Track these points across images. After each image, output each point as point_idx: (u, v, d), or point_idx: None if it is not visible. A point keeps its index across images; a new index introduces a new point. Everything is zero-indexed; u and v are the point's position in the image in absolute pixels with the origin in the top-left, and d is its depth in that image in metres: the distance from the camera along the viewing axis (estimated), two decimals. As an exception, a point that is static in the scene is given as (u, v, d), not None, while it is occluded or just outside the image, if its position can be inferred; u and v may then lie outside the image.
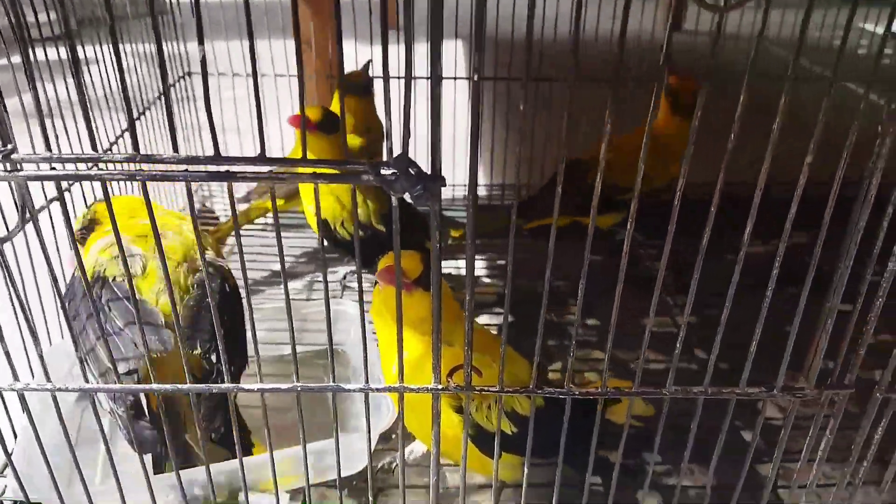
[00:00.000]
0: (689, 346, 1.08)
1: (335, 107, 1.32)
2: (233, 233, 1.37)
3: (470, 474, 0.86)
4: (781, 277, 0.51)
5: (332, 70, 1.46)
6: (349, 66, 1.66)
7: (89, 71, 1.01)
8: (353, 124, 1.31)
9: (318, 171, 0.46)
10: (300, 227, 1.42)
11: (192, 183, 0.46)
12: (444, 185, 0.46)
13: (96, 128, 0.44)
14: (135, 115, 1.22)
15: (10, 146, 0.45)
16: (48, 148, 0.45)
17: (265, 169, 0.46)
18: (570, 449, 0.58)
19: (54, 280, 0.51)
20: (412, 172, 0.45)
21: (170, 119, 0.44)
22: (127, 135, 1.21)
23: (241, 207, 1.54)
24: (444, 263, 1.13)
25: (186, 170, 0.45)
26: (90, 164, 0.46)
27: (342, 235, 1.09)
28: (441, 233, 0.49)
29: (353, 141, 1.28)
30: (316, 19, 1.41)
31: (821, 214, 0.49)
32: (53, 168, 0.46)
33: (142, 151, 0.44)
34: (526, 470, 0.60)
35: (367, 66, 1.35)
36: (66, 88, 0.99)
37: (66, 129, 0.94)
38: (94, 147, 0.45)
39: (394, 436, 0.96)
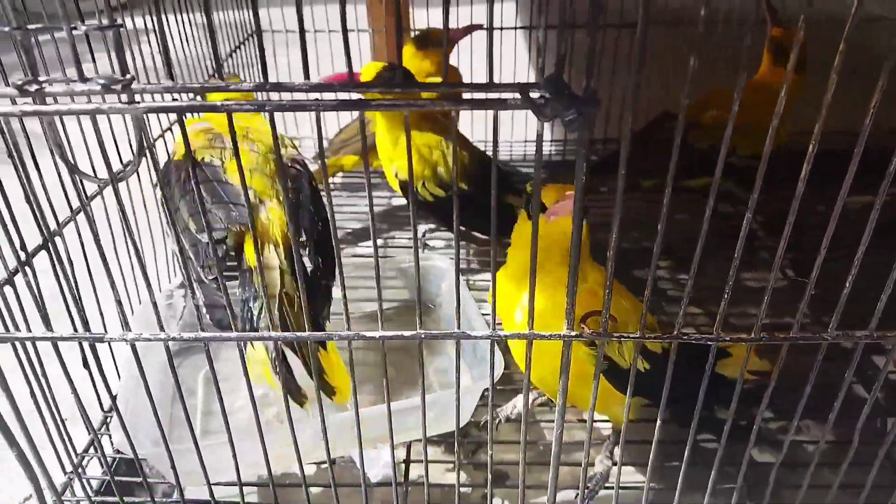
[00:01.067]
0: (793, 301, 1.03)
1: (408, 63, 1.27)
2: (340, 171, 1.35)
3: (568, 427, 0.83)
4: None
5: (403, 23, 1.41)
6: (421, 19, 1.62)
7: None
8: (429, 70, 1.27)
9: (457, 93, 0.42)
10: (374, 185, 1.39)
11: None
12: (599, 108, 0.42)
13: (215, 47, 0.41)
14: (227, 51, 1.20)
15: (128, 76, 0.42)
16: (169, 75, 0.42)
17: (398, 96, 0.42)
18: (681, 401, 0.54)
19: (172, 224, 0.48)
20: (565, 94, 0.41)
21: (303, 42, 0.40)
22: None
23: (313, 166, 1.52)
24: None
25: (318, 99, 0.42)
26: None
27: (424, 196, 1.05)
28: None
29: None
30: (385, -31, 1.36)
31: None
32: (175, 98, 0.43)
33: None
34: (659, 421, 0.56)
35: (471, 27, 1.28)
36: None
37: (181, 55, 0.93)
38: (219, 74, 0.42)
39: (487, 392, 0.94)
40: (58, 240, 0.56)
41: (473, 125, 1.36)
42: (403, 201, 1.37)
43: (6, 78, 0.51)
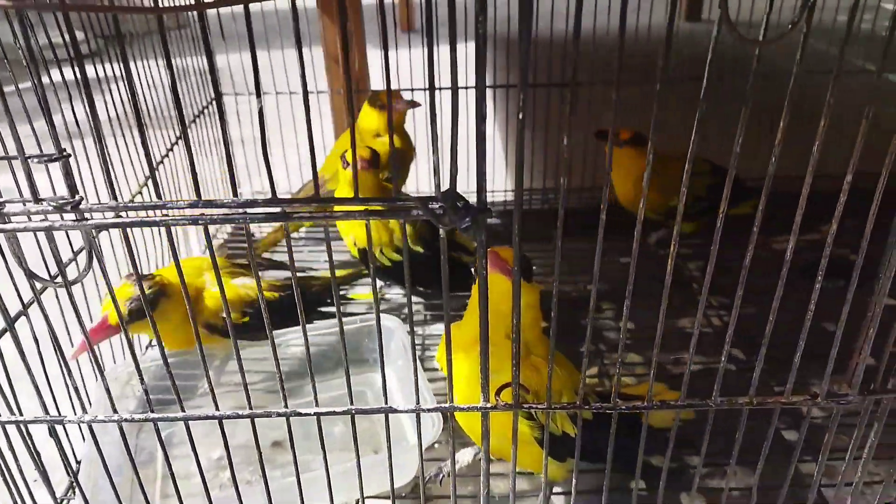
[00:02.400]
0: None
1: (364, 119, 1.34)
2: (272, 247, 1.42)
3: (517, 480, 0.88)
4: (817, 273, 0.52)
5: (358, 85, 1.48)
6: (377, 77, 1.69)
7: (131, 89, 1.04)
8: (382, 133, 1.34)
9: (370, 208, 0.48)
10: (332, 238, 1.45)
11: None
12: (491, 217, 0.48)
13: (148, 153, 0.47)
14: (177, 137, 1.26)
15: (77, 196, 0.47)
16: (113, 196, 0.48)
17: (318, 208, 0.48)
18: (614, 455, 0.60)
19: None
20: (459, 206, 0.47)
21: (229, 164, 0.46)
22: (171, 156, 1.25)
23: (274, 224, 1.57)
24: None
25: (245, 212, 0.48)
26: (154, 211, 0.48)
27: (382, 262, 1.12)
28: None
29: (383, 146, 1.31)
30: (342, 35, 1.43)
31: (854, 207, 0.50)
32: (119, 216, 0.48)
33: (166, 191, 0.46)
34: (574, 478, 0.62)
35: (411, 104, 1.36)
36: (112, 103, 1.03)
37: (117, 146, 0.98)
38: (157, 195, 0.48)
39: (437, 445, 0.99)
40: (20, 328, 0.61)
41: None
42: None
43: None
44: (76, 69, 0.46)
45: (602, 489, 0.63)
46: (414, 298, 1.27)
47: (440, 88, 1.39)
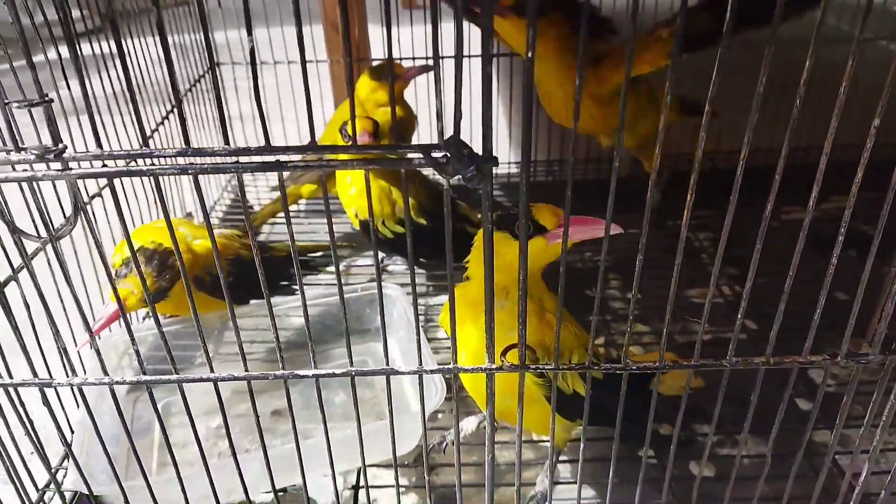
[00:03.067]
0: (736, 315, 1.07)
1: (362, 89, 1.31)
2: (270, 218, 1.39)
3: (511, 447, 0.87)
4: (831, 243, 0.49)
5: (358, 54, 1.45)
6: (377, 49, 1.65)
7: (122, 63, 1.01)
8: (381, 100, 1.31)
9: (369, 156, 0.46)
10: (333, 211, 1.43)
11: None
12: (497, 165, 0.46)
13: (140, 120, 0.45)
14: (171, 106, 1.23)
15: (60, 145, 0.45)
16: (98, 144, 0.46)
17: (314, 157, 0.46)
18: (623, 419, 0.58)
19: (108, 274, 0.51)
20: (464, 154, 0.45)
21: (220, 110, 0.44)
22: (165, 127, 1.22)
23: (272, 195, 1.55)
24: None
25: (237, 161, 0.45)
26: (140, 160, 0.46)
27: (384, 234, 1.09)
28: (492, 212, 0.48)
29: (385, 115, 1.28)
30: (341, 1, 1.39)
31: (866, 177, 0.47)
32: (105, 165, 0.46)
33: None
34: (582, 443, 0.60)
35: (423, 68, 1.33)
36: (108, 81, 1.00)
37: (113, 122, 0.96)
38: (144, 142, 0.45)
39: (440, 415, 0.97)
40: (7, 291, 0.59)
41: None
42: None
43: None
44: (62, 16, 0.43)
45: (609, 459, 0.61)
46: (416, 270, 1.25)
47: (443, 57, 1.36)
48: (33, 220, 0.60)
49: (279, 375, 0.56)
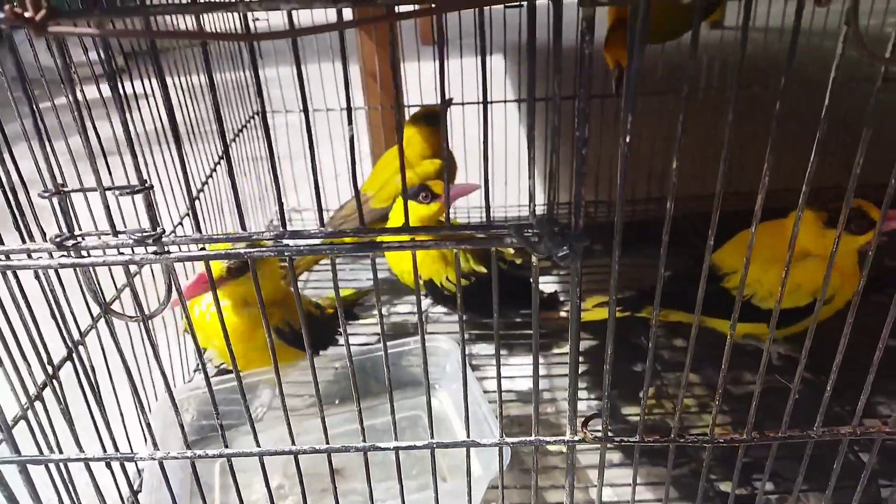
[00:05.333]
0: (786, 366, 1.05)
1: (408, 137, 1.33)
2: (313, 265, 1.40)
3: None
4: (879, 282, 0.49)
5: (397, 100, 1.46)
6: (413, 91, 1.67)
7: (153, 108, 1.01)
8: (426, 151, 1.32)
9: (458, 235, 0.46)
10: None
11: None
12: (587, 243, 0.46)
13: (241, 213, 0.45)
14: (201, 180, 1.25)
15: (158, 229, 0.45)
16: (197, 229, 0.46)
17: (406, 237, 0.46)
18: None
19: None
20: (556, 232, 0.45)
21: (318, 201, 0.44)
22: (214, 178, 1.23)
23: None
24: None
25: (332, 243, 0.46)
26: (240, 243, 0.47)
27: (448, 289, 1.09)
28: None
29: (433, 165, 1.29)
30: (379, 50, 1.42)
31: None
32: (203, 248, 0.46)
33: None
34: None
35: (448, 102, 1.34)
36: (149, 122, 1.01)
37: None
38: (242, 227, 0.46)
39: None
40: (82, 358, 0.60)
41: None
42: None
43: (44, 233, 0.55)
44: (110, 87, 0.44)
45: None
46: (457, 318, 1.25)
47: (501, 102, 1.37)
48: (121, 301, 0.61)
49: (360, 448, 0.56)
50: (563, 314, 1.23)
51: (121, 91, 0.43)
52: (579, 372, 1.10)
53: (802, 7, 0.39)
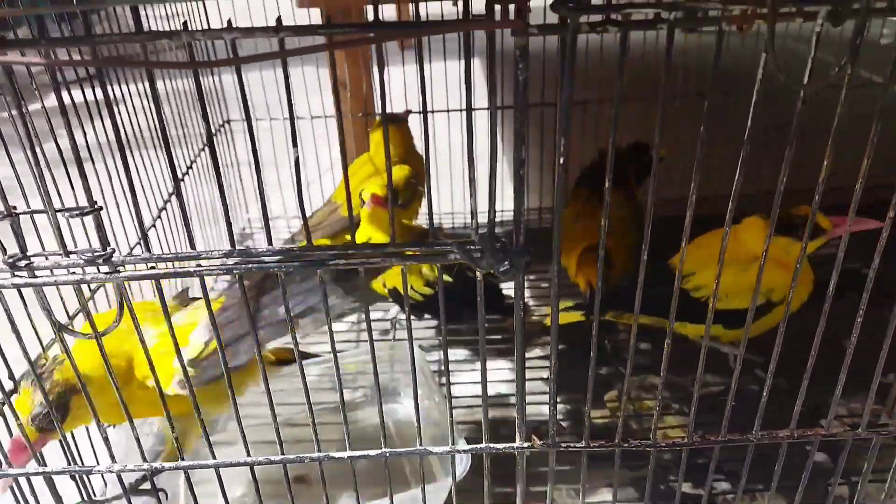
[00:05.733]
0: (745, 369, 1.08)
1: (373, 143, 1.35)
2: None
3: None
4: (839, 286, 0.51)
5: (366, 108, 1.48)
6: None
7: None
8: (396, 153, 1.33)
9: (407, 252, 0.48)
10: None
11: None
12: (528, 258, 0.47)
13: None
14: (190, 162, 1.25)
15: (109, 248, 0.47)
16: (146, 248, 0.47)
17: (357, 257, 0.48)
18: None
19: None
20: (497, 248, 0.47)
21: (265, 215, 0.45)
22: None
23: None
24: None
25: (280, 261, 0.47)
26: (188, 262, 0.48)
27: (414, 298, 1.11)
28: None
29: (401, 171, 1.31)
30: (349, 59, 1.43)
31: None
32: (153, 267, 0.48)
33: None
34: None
35: (407, 113, 1.37)
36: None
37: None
38: (191, 245, 0.47)
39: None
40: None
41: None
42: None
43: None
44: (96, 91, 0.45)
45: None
46: (427, 324, 1.26)
47: (458, 110, 1.39)
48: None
49: (314, 458, 0.57)
50: (534, 318, 1.26)
51: (71, 108, 0.44)
52: (546, 377, 1.13)
53: (722, 38, 0.41)
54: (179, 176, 0.41)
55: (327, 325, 0.52)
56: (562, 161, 0.45)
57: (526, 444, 0.56)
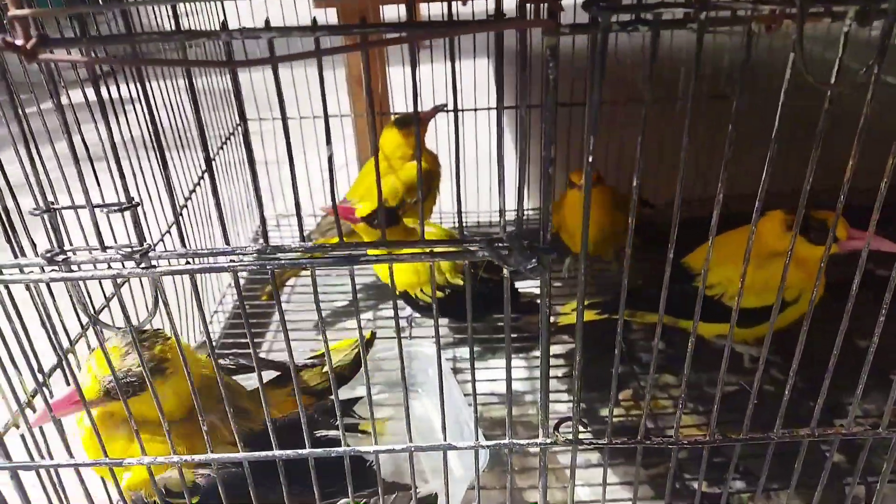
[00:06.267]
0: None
1: (387, 144, 1.35)
2: (294, 277, 1.41)
3: None
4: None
5: (381, 108, 1.49)
6: (399, 98, 1.69)
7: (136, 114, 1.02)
8: (408, 153, 1.34)
9: (435, 250, 0.49)
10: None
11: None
12: (555, 255, 0.48)
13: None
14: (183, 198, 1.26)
15: (145, 244, 0.48)
16: (183, 244, 0.48)
17: (384, 251, 0.49)
18: None
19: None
20: (525, 246, 0.47)
21: (298, 215, 0.46)
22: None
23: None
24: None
25: (312, 257, 0.48)
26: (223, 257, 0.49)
27: (423, 300, 1.12)
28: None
29: (412, 169, 1.32)
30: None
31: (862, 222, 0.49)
32: (188, 262, 0.49)
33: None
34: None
35: (437, 108, 1.37)
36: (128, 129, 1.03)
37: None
38: (226, 241, 0.48)
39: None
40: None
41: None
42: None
43: (34, 245, 0.57)
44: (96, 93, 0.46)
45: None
46: (441, 322, 1.27)
47: (476, 109, 1.40)
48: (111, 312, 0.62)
49: (341, 452, 0.58)
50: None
51: (107, 103, 0.45)
52: (561, 375, 1.13)
53: (752, 38, 0.41)
54: (212, 170, 0.42)
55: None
56: (590, 160, 0.46)
57: (549, 440, 0.57)
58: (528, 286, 1.36)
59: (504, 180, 0.47)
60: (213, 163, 1.30)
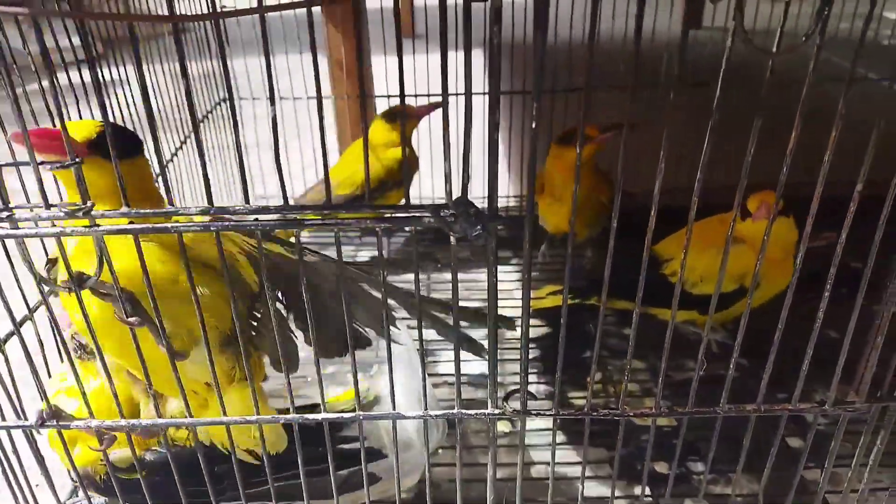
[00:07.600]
0: (725, 353, 1.09)
1: (375, 135, 1.35)
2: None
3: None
4: (822, 278, 0.52)
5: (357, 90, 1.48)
6: (380, 84, 1.68)
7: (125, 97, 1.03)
8: (395, 141, 1.34)
9: (381, 215, 0.49)
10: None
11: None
12: (500, 224, 0.48)
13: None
14: (167, 156, 1.26)
15: (88, 203, 0.47)
16: (126, 204, 0.48)
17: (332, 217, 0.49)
18: None
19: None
20: (471, 213, 0.47)
21: (242, 174, 0.46)
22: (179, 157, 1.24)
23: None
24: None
25: (257, 219, 0.48)
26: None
27: None
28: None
29: (393, 155, 1.32)
30: (346, 40, 1.43)
31: (858, 213, 0.50)
32: (132, 222, 0.48)
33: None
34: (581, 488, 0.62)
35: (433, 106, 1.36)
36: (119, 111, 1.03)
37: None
38: (170, 201, 0.48)
39: (440, 451, 0.99)
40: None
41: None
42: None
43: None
44: (89, 72, 0.46)
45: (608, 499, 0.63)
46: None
47: (455, 94, 1.39)
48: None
49: (289, 419, 0.58)
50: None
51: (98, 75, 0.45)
52: (531, 357, 1.14)
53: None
54: (197, 129, 0.42)
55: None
56: (534, 125, 0.46)
57: (497, 411, 0.57)
58: (504, 277, 1.36)
59: (449, 146, 0.47)
60: (182, 147, 1.31)
